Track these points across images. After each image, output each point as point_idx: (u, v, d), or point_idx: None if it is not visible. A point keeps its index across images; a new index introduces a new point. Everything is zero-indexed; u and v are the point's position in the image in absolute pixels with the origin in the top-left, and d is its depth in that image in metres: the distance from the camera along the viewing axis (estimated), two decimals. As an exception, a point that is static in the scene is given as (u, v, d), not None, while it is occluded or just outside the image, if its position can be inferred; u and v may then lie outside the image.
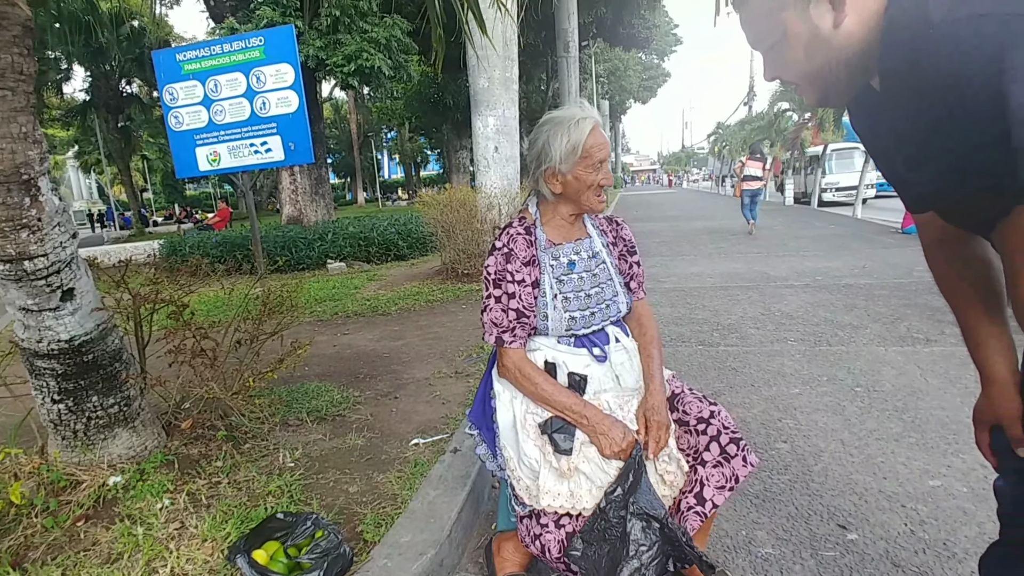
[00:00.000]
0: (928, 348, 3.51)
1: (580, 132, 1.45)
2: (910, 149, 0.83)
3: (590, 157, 1.46)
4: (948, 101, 0.70)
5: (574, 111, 1.48)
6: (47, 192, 1.92)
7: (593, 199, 1.51)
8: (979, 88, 0.66)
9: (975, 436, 1.04)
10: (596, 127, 1.47)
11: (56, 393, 2.08)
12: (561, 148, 1.45)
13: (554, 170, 1.48)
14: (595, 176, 1.48)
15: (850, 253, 7.37)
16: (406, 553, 1.68)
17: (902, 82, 0.78)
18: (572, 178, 1.48)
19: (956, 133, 0.71)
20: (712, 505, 1.40)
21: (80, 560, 1.73)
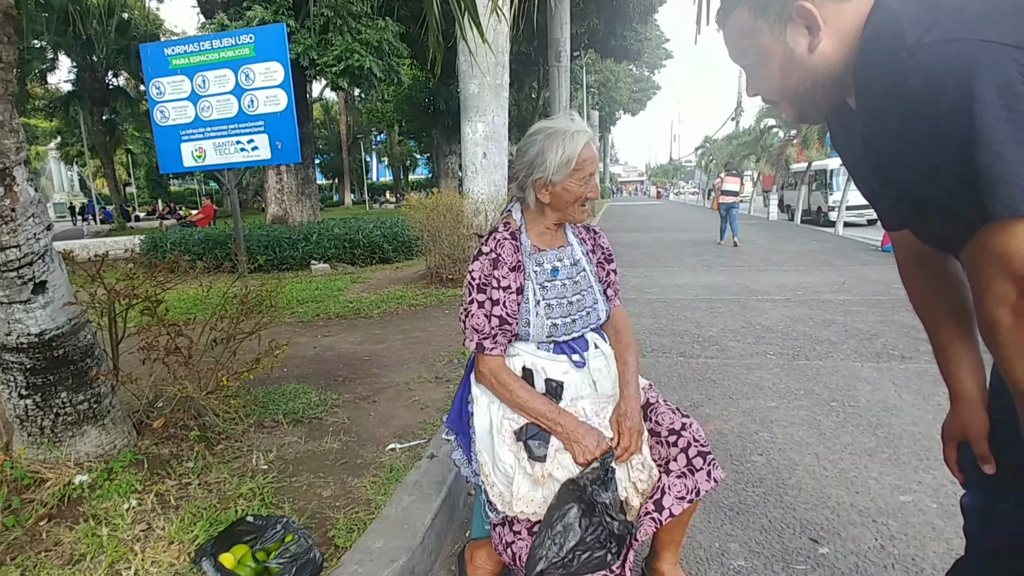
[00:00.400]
0: (903, 365, 3.57)
1: (575, 145, 1.45)
2: (883, 167, 0.85)
3: (582, 170, 1.47)
4: (918, 124, 0.72)
5: (567, 123, 1.48)
6: (22, 182, 1.88)
7: (578, 210, 1.52)
8: (948, 112, 0.68)
9: (943, 453, 1.05)
10: (589, 141, 1.48)
11: (24, 388, 2.04)
12: (556, 159, 1.45)
13: (546, 180, 1.48)
14: (584, 189, 1.49)
15: (830, 269, 7.48)
16: (377, 559, 1.65)
17: (875, 103, 0.80)
18: (562, 189, 1.48)
19: (925, 155, 0.73)
20: (669, 514, 1.40)
21: (41, 561, 1.68)
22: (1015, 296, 0.68)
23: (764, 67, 0.92)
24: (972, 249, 0.72)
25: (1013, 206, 0.64)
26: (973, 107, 0.65)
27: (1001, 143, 0.64)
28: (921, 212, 0.83)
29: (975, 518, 1.03)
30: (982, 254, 0.71)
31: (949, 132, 0.68)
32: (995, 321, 0.71)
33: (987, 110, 0.64)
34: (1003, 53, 0.66)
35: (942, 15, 0.72)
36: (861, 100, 0.84)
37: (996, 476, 0.94)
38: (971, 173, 0.66)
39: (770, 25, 0.87)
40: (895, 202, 0.90)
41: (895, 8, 0.77)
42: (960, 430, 0.99)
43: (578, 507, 1.30)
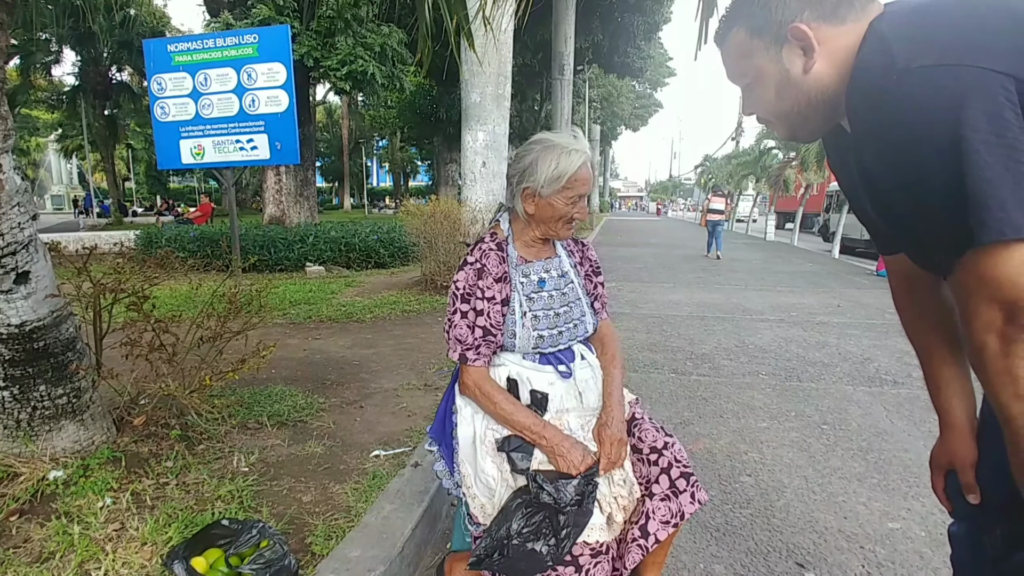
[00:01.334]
0: (895, 390, 3.55)
1: (570, 162, 1.43)
2: (875, 190, 0.85)
3: (571, 189, 1.44)
4: (907, 148, 0.73)
5: (567, 140, 1.46)
6: (8, 170, 1.86)
7: (562, 228, 1.50)
8: (936, 138, 0.68)
9: (931, 480, 1.03)
10: (586, 163, 1.46)
11: (1, 379, 1.99)
12: (547, 172, 1.43)
13: (534, 191, 1.46)
14: (570, 208, 1.47)
15: (825, 291, 7.49)
16: (354, 569, 1.62)
17: (866, 127, 0.81)
18: (547, 203, 1.46)
19: (914, 179, 0.73)
20: (655, 540, 1.37)
21: (8, 557, 1.63)
22: (1002, 321, 0.68)
23: (760, 87, 0.93)
24: (959, 274, 0.72)
25: (1000, 231, 0.65)
26: (961, 133, 0.66)
27: (989, 168, 0.64)
28: (912, 236, 0.83)
29: (962, 548, 1.01)
30: (969, 279, 0.70)
31: (937, 157, 0.68)
32: (982, 346, 0.70)
33: (975, 136, 0.65)
34: (992, 79, 0.67)
35: (932, 41, 0.73)
36: (853, 123, 0.85)
37: (983, 506, 0.93)
38: (959, 198, 0.67)
39: (766, 45, 0.88)
40: (888, 226, 0.90)
41: (887, 33, 0.77)
42: (948, 458, 0.98)
43: (523, 496, 1.31)
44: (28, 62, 20.22)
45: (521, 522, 1.27)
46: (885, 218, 0.88)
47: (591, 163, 1.50)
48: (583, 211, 1.49)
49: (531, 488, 1.30)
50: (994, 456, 0.91)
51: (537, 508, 1.29)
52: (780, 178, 16.51)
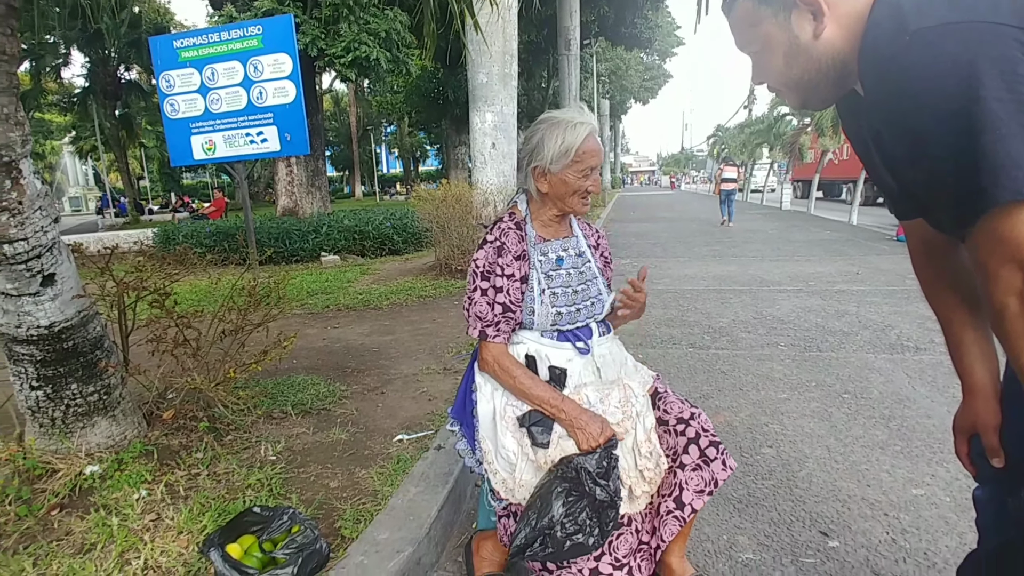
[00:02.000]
0: (917, 356, 3.51)
1: (576, 136, 1.43)
2: (890, 154, 0.83)
3: (581, 162, 1.45)
4: (921, 109, 0.71)
5: (573, 114, 1.47)
6: (29, 175, 1.89)
7: (577, 202, 1.51)
8: (950, 96, 0.67)
9: (955, 445, 1.03)
10: (592, 134, 1.46)
11: (35, 380, 2.06)
12: (554, 148, 1.44)
13: (543, 169, 1.47)
14: (583, 182, 1.47)
15: (844, 259, 7.38)
16: (383, 550, 1.66)
17: (880, 89, 0.79)
18: (559, 180, 1.47)
19: (930, 140, 0.72)
20: (691, 510, 1.39)
21: (52, 550, 1.70)
22: (1021, 283, 0.67)
23: (769, 55, 0.91)
24: (977, 237, 0.71)
25: (1017, 190, 0.63)
26: (975, 90, 0.64)
27: (1005, 126, 0.63)
28: (928, 200, 0.82)
29: (987, 512, 1.01)
30: (987, 241, 0.69)
31: (952, 116, 0.67)
32: (1002, 308, 0.69)
33: (990, 93, 0.63)
34: (1005, 33, 0.65)
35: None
36: (866, 87, 0.83)
37: (1007, 470, 0.92)
38: (975, 157, 0.65)
39: (774, 12, 0.87)
40: (904, 190, 0.88)
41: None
42: (971, 422, 0.98)
43: (561, 483, 1.30)
44: (38, 66, 20.39)
45: (562, 510, 1.27)
46: (900, 183, 0.87)
47: (598, 135, 1.49)
48: (596, 183, 1.49)
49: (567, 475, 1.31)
50: (1018, 419, 0.91)
51: (578, 497, 1.29)
52: (795, 145, 16.19)
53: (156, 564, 1.64)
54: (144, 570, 1.61)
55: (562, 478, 1.31)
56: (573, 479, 1.30)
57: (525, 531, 1.29)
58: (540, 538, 1.28)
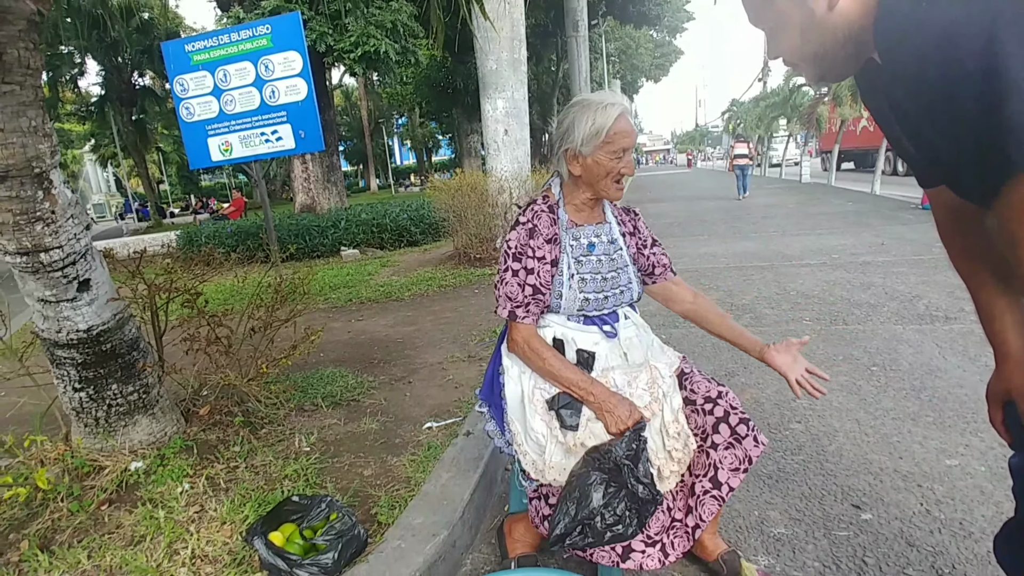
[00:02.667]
0: (947, 326, 3.45)
1: (606, 117, 1.43)
2: (911, 123, 0.82)
3: (613, 143, 1.44)
4: (941, 75, 0.70)
5: (604, 96, 1.47)
6: (59, 185, 1.95)
7: (611, 186, 1.50)
8: (970, 60, 0.65)
9: (989, 413, 1.02)
10: (623, 114, 1.45)
11: (77, 382, 2.13)
12: (584, 130, 1.44)
13: (575, 151, 1.48)
14: (616, 164, 1.46)
15: (868, 230, 7.24)
16: (419, 534, 1.70)
17: (898, 58, 0.78)
18: (592, 162, 1.47)
19: (951, 106, 0.70)
20: (728, 488, 1.40)
21: (105, 543, 1.78)
22: None
23: (784, 30, 0.90)
24: (1001, 203, 0.70)
25: None
26: (997, 53, 0.63)
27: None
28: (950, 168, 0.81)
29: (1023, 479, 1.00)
30: (1012, 207, 0.68)
31: (973, 81, 0.66)
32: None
33: (1012, 56, 0.62)
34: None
35: None
36: (883, 56, 0.82)
37: None
38: (998, 123, 0.64)
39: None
40: (927, 158, 0.87)
41: None
42: (1004, 388, 0.97)
43: (599, 474, 1.32)
44: (55, 76, 20.77)
45: (602, 501, 1.29)
46: (921, 151, 0.86)
47: (631, 116, 1.49)
48: (630, 165, 1.48)
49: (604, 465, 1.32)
50: None
51: (617, 489, 1.30)
52: (812, 116, 15.81)
53: (203, 553, 1.70)
54: (192, 559, 1.68)
55: (600, 469, 1.32)
56: (612, 471, 1.31)
57: (564, 520, 1.30)
58: (579, 527, 1.30)
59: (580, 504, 1.29)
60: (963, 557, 1.61)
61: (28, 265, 1.93)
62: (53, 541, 1.81)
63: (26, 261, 1.92)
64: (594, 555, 1.39)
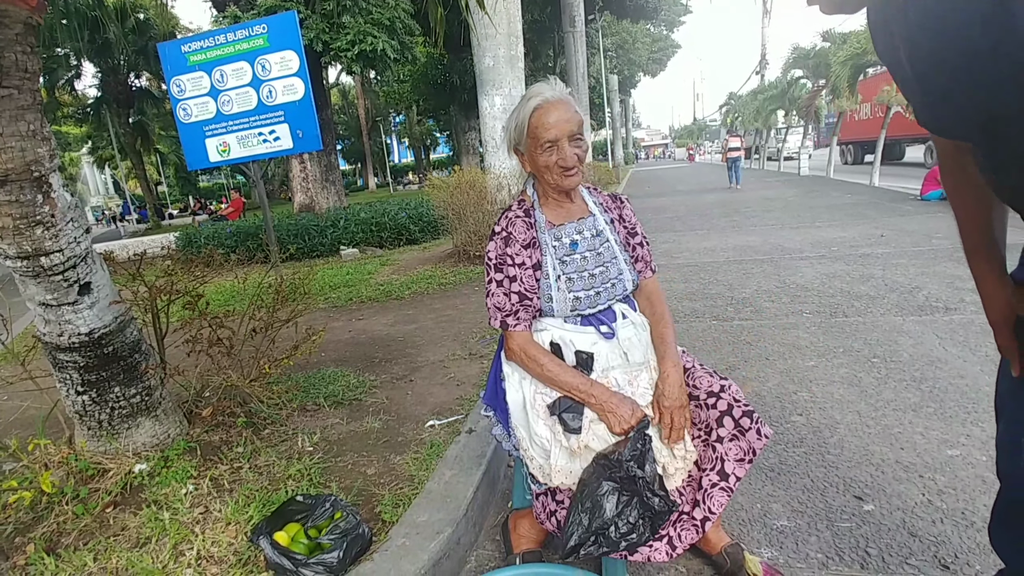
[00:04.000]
0: (947, 317, 3.46)
1: (524, 112, 1.43)
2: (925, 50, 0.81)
3: (536, 137, 1.43)
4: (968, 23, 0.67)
5: (532, 88, 1.45)
6: (59, 188, 1.95)
7: (560, 177, 1.46)
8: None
9: (1000, 342, 0.99)
10: (544, 105, 1.42)
11: (79, 385, 2.14)
12: (512, 128, 1.46)
13: (518, 150, 1.50)
14: (549, 158, 1.44)
15: (867, 222, 7.24)
16: (423, 532, 1.71)
17: None
18: (530, 158, 1.48)
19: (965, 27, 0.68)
20: (735, 479, 1.39)
21: (111, 545, 1.78)
22: None
23: None
24: None
25: None
26: None
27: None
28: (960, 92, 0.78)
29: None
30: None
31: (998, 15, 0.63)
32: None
33: None
34: None
35: None
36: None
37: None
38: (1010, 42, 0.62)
39: None
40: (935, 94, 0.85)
41: None
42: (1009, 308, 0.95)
43: (610, 484, 1.30)
44: (52, 79, 20.74)
45: (614, 511, 1.28)
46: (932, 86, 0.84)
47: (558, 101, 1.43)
48: (566, 156, 1.43)
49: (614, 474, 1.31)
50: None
51: (629, 498, 1.29)
52: (810, 108, 15.82)
53: (208, 554, 1.71)
54: (198, 560, 1.68)
55: (611, 479, 1.31)
56: (624, 480, 1.30)
57: (578, 532, 1.29)
58: (593, 537, 1.29)
59: (593, 515, 1.28)
60: (965, 547, 1.62)
61: (28, 269, 1.93)
62: (59, 544, 1.82)
63: (26, 265, 1.92)
64: None
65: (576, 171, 1.47)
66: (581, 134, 1.45)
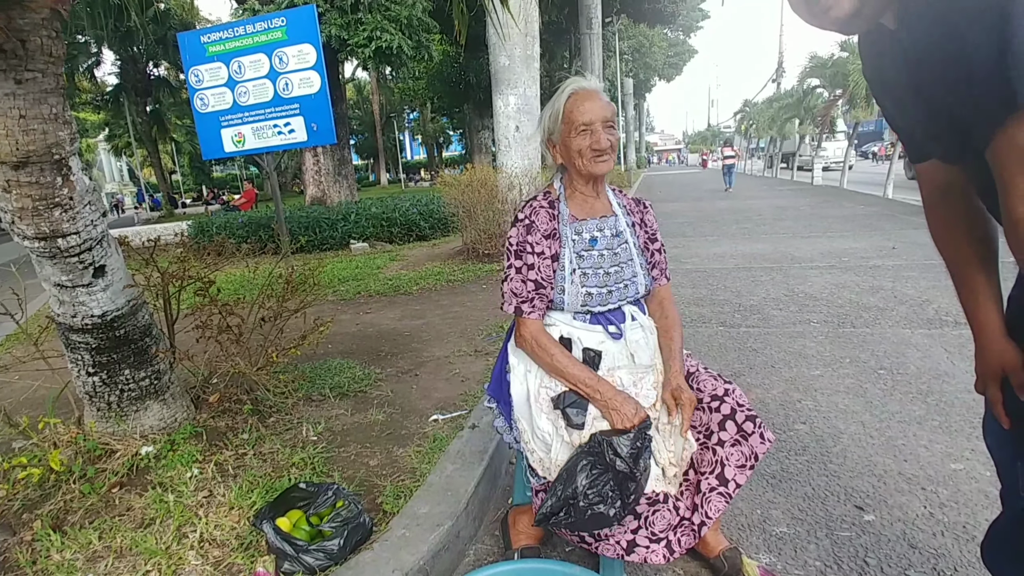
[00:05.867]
0: (956, 331, 3.43)
1: (560, 99, 1.50)
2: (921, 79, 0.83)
3: (572, 121, 1.48)
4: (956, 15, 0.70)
5: (568, 80, 1.53)
6: (77, 172, 1.98)
7: (590, 163, 1.50)
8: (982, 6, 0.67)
9: (988, 396, 1.00)
10: (578, 92, 1.49)
11: (90, 366, 2.17)
12: (547, 117, 1.53)
13: (552, 140, 1.55)
14: (582, 141, 1.48)
15: (879, 233, 7.19)
16: (424, 524, 1.72)
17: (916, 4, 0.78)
18: (564, 146, 1.52)
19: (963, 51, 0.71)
20: (735, 485, 1.40)
21: (115, 524, 1.81)
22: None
23: None
24: (996, 148, 0.71)
25: None
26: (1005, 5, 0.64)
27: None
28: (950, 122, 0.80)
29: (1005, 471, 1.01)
30: (1007, 152, 0.69)
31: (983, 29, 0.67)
32: (1019, 219, 0.69)
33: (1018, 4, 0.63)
34: None
35: None
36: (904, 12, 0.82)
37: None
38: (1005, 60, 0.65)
39: None
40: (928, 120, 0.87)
41: None
42: (998, 364, 0.96)
43: (587, 457, 1.34)
44: (72, 65, 20.95)
45: (586, 483, 1.31)
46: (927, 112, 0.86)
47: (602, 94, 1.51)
48: (598, 140, 1.47)
49: (597, 450, 1.33)
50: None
51: (602, 471, 1.32)
52: (826, 118, 15.70)
53: (211, 537, 1.73)
54: (200, 542, 1.71)
55: (588, 452, 1.35)
56: (598, 453, 1.34)
57: (551, 500, 1.34)
58: (564, 507, 1.32)
59: (566, 484, 1.32)
60: (965, 560, 1.61)
61: (45, 250, 1.96)
62: (65, 522, 1.85)
63: (44, 246, 1.96)
64: (599, 547, 1.40)
65: (608, 157, 1.51)
66: (614, 123, 1.50)
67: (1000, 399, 0.98)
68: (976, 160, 0.78)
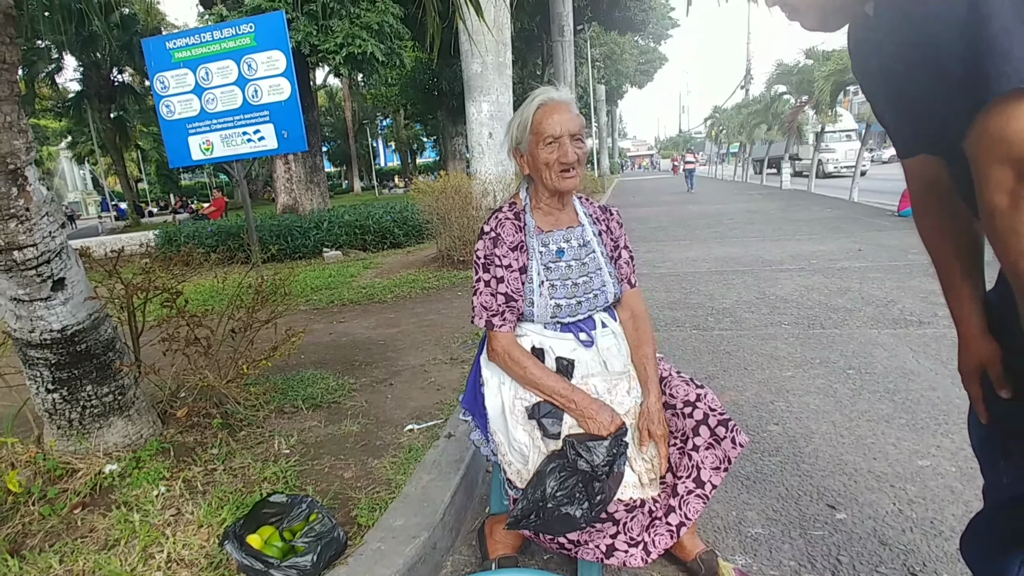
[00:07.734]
0: (920, 330, 3.53)
1: (529, 108, 1.48)
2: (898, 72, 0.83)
3: (540, 133, 1.46)
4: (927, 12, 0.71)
5: (538, 90, 1.51)
6: (34, 182, 1.91)
7: (556, 177, 1.48)
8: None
9: (968, 392, 1.02)
10: (548, 104, 1.47)
11: (50, 383, 2.09)
12: (515, 127, 1.51)
13: (520, 151, 1.53)
14: (550, 154, 1.46)
15: (845, 236, 7.38)
16: (399, 536, 1.69)
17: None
18: (531, 156, 1.51)
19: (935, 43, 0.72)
20: (711, 486, 1.41)
21: (77, 547, 1.74)
22: (1012, 181, 0.67)
23: None
24: (971, 137, 0.71)
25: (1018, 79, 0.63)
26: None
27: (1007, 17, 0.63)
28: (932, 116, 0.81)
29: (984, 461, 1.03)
30: (981, 140, 0.69)
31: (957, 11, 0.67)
32: (993, 208, 0.70)
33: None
34: None
35: None
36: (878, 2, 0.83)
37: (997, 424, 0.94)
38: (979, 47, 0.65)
39: None
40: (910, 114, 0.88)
41: None
42: (977, 361, 0.98)
43: (556, 460, 1.35)
44: (32, 72, 20.36)
45: (555, 485, 1.31)
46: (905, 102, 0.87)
47: (572, 107, 1.49)
48: (566, 153, 1.45)
49: (566, 453, 1.34)
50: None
51: (571, 473, 1.32)
52: (793, 123, 16.09)
53: (179, 557, 1.67)
54: (168, 563, 1.65)
55: (559, 455, 1.36)
56: (568, 456, 1.34)
57: (522, 503, 1.34)
58: (535, 510, 1.32)
59: (536, 487, 1.33)
60: (934, 555, 1.65)
61: (0, 263, 1.89)
62: (24, 546, 1.77)
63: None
64: (580, 552, 1.40)
65: (575, 173, 1.49)
66: (582, 136, 1.49)
67: (980, 395, 1.00)
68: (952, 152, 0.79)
